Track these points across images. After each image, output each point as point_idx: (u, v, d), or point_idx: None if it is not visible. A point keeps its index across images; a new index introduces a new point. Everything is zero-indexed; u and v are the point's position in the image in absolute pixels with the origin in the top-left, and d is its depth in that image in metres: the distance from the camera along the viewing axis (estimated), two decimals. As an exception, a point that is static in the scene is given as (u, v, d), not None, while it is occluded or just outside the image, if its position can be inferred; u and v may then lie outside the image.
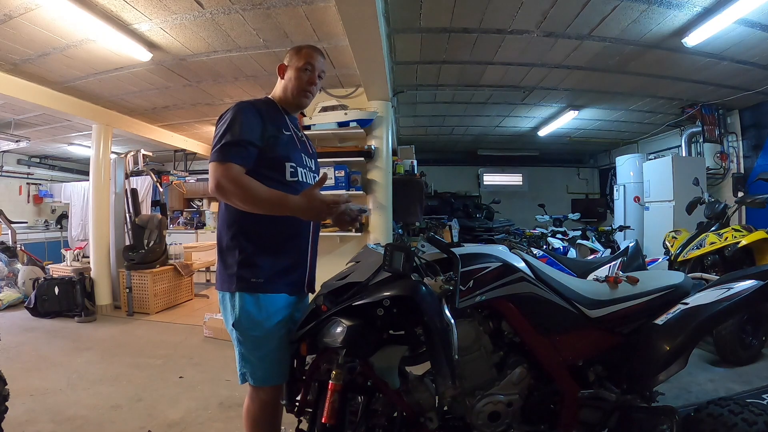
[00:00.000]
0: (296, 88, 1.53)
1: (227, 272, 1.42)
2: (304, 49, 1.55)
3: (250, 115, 1.39)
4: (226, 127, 1.35)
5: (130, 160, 5.58)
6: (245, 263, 1.40)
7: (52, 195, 8.56)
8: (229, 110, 1.40)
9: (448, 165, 9.57)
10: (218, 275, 1.47)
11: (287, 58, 1.57)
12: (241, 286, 1.39)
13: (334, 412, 1.26)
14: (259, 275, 1.40)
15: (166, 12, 2.88)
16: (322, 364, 1.41)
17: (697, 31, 3.23)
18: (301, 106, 1.62)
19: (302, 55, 1.53)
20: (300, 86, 1.53)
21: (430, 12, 3.10)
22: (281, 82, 1.57)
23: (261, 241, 1.42)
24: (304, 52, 1.54)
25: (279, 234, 1.45)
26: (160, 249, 5.19)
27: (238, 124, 1.35)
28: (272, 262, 1.43)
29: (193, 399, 2.60)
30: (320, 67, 1.57)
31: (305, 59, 1.52)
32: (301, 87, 1.53)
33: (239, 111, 1.38)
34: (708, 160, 5.67)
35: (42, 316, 4.58)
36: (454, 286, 1.33)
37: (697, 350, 3.02)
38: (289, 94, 1.55)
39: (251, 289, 1.39)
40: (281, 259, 1.45)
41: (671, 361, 1.32)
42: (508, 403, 1.40)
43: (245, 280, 1.39)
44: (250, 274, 1.39)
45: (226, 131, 1.34)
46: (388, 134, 4.22)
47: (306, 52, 1.54)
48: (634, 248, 3.21)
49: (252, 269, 1.40)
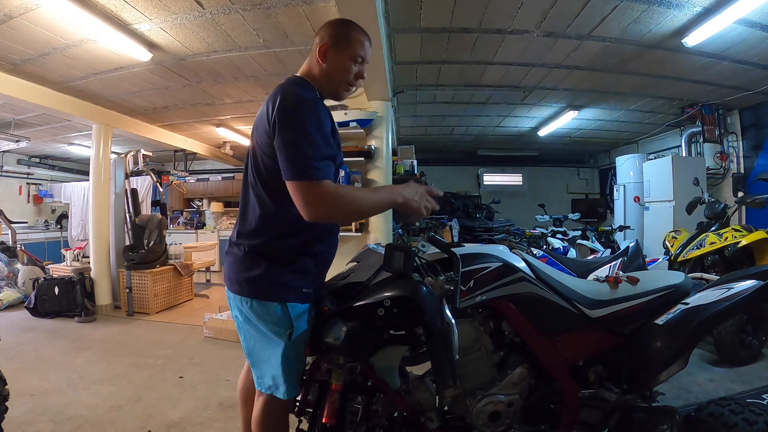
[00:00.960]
0: (342, 80, 1.31)
1: (271, 278, 1.25)
2: (356, 33, 1.30)
3: (323, 114, 1.19)
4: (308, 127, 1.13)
5: (130, 160, 5.58)
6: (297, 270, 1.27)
7: (52, 195, 8.55)
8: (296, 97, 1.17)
9: (448, 165, 9.57)
10: (250, 279, 1.26)
11: (332, 37, 1.28)
12: (293, 296, 1.26)
13: (334, 412, 1.26)
14: (310, 285, 1.29)
15: (166, 12, 2.88)
16: (323, 364, 1.41)
17: (697, 31, 3.23)
18: (340, 99, 1.39)
19: (354, 41, 1.28)
20: (346, 79, 1.31)
21: (430, 12, 3.10)
22: (321, 66, 1.30)
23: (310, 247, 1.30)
24: (356, 37, 1.29)
25: (322, 238, 1.33)
26: (160, 249, 5.18)
27: (317, 128, 1.15)
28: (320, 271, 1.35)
29: (193, 399, 2.60)
30: (369, 58, 1.35)
31: (357, 48, 1.28)
32: (346, 80, 1.31)
33: (313, 109, 1.17)
34: (708, 160, 5.67)
35: (42, 316, 4.57)
36: (454, 286, 1.33)
37: (697, 350, 3.02)
38: (334, 85, 1.32)
39: (302, 299, 1.27)
40: (325, 266, 1.38)
41: (671, 361, 1.32)
42: (509, 403, 1.40)
43: (298, 290, 1.26)
44: (302, 285, 1.27)
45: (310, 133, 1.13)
46: (388, 134, 4.22)
47: (358, 39, 1.29)
48: (634, 248, 3.21)
49: (304, 279, 1.28)
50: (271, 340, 1.28)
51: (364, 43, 1.31)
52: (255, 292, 1.26)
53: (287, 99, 1.16)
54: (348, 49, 1.28)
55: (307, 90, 1.25)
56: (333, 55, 1.29)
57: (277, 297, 1.25)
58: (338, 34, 1.29)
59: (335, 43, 1.29)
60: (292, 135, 1.13)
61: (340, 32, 1.29)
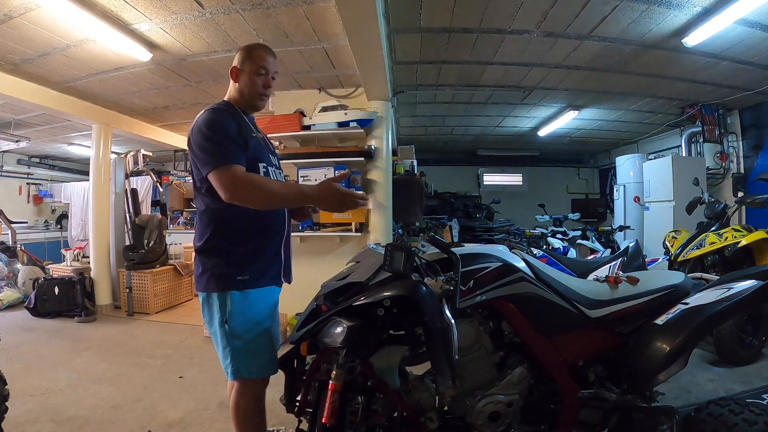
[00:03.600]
0: (253, 92, 1.53)
1: (211, 272, 1.43)
2: (256, 51, 1.54)
3: (225, 118, 1.41)
4: (212, 132, 1.36)
5: (130, 160, 5.59)
6: (229, 262, 1.43)
7: (52, 195, 8.55)
8: (202, 117, 1.41)
9: (448, 165, 9.57)
10: (200, 277, 1.47)
11: (238, 60, 1.54)
12: (228, 285, 1.42)
13: (334, 412, 1.26)
14: (245, 272, 1.43)
15: (166, 12, 2.88)
16: (322, 364, 1.41)
17: (697, 31, 3.23)
18: (258, 109, 1.62)
19: (255, 58, 1.52)
20: (256, 90, 1.53)
21: (430, 12, 3.10)
22: (235, 86, 1.55)
23: (241, 239, 1.45)
24: (256, 54, 1.53)
25: (257, 230, 1.48)
26: (160, 249, 5.19)
27: (221, 127, 1.37)
28: (255, 258, 1.47)
29: (193, 399, 2.60)
30: (273, 68, 1.56)
31: (258, 63, 1.51)
32: (256, 91, 1.54)
33: (215, 115, 1.40)
34: (708, 160, 5.66)
35: (42, 316, 4.58)
36: (454, 286, 1.33)
37: (697, 350, 3.02)
38: (246, 98, 1.55)
39: (239, 286, 1.42)
40: (262, 254, 1.49)
41: (671, 361, 1.32)
42: (509, 403, 1.40)
43: (231, 278, 1.42)
44: (236, 273, 1.42)
45: (214, 136, 1.35)
46: (388, 134, 4.21)
47: (258, 55, 1.52)
48: (634, 248, 3.21)
49: (236, 267, 1.43)
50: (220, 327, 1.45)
51: (265, 57, 1.53)
52: (199, 286, 1.48)
53: (197, 120, 1.43)
54: (251, 65, 1.52)
55: (213, 110, 1.45)
56: (241, 73, 1.53)
57: (214, 287, 1.43)
58: (242, 57, 1.54)
59: (240, 63, 1.54)
60: (200, 141, 1.37)
61: (243, 54, 1.54)
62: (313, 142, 4.22)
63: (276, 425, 2.16)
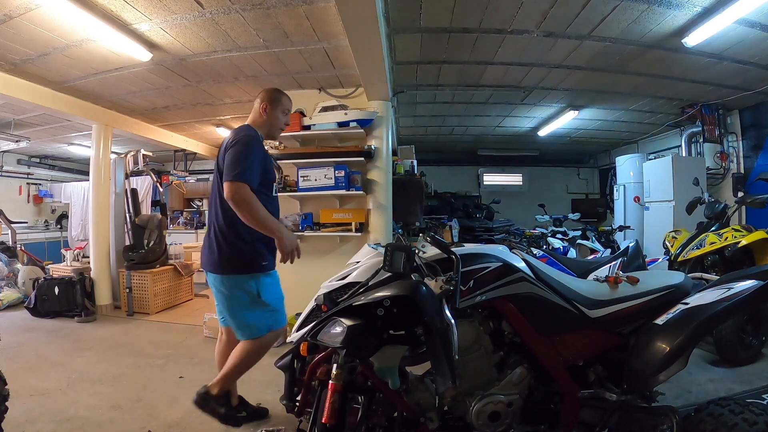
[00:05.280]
0: (277, 128, 2.13)
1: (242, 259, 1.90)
2: (283, 97, 2.11)
3: (258, 147, 1.91)
4: (242, 154, 1.81)
5: (130, 160, 5.58)
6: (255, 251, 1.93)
7: (52, 195, 8.55)
8: (241, 140, 1.87)
9: (448, 165, 9.56)
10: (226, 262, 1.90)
11: (268, 99, 2.07)
12: (257, 268, 1.93)
13: (334, 412, 1.26)
14: (265, 259, 1.97)
15: (166, 12, 2.88)
16: (322, 364, 1.41)
17: (697, 31, 3.23)
18: (274, 139, 2.41)
19: (282, 101, 2.10)
20: (279, 126, 2.12)
21: (430, 12, 3.10)
22: (263, 118, 2.07)
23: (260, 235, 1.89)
24: (285, 100, 2.11)
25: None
26: (160, 249, 5.19)
27: (250, 154, 1.83)
28: (268, 249, 1.98)
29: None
30: (290, 110, 2.19)
31: (285, 106, 2.10)
32: (279, 126, 2.13)
33: (250, 142, 1.87)
34: (708, 160, 5.66)
35: (42, 316, 4.57)
36: (454, 286, 1.33)
37: (697, 350, 3.02)
38: (272, 130, 2.12)
39: (265, 269, 1.96)
40: (271, 245, 1.98)
41: (671, 361, 1.32)
42: (509, 403, 1.40)
43: (258, 263, 1.93)
44: (260, 259, 1.95)
45: (242, 158, 1.81)
46: (388, 134, 4.21)
47: (286, 100, 2.12)
48: (634, 248, 3.21)
49: (260, 255, 1.95)
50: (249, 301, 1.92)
51: (287, 102, 2.14)
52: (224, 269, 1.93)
53: (238, 135, 1.92)
54: (279, 106, 2.10)
55: (254, 131, 2.00)
56: (269, 110, 2.08)
57: (246, 270, 1.92)
58: (271, 98, 2.09)
59: (270, 103, 2.08)
60: (234, 154, 1.83)
61: (273, 96, 2.10)
62: (313, 142, 4.22)
63: (276, 425, 2.15)
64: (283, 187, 4.09)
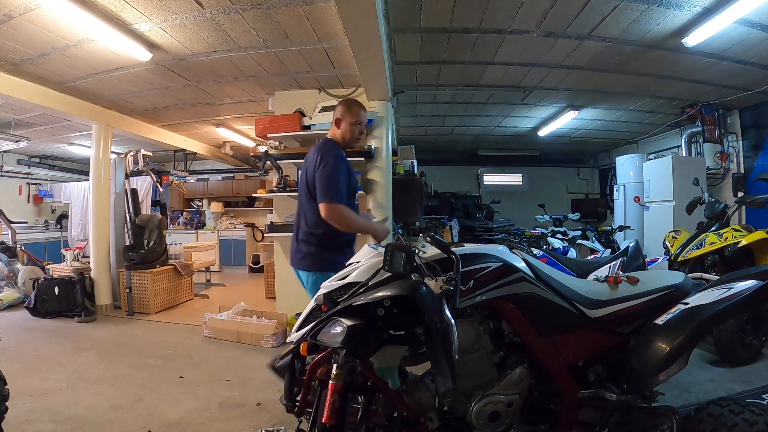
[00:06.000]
0: (352, 138, 2.23)
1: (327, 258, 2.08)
2: (357, 109, 2.21)
3: (344, 163, 2.08)
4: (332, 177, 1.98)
5: (130, 160, 5.58)
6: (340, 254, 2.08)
7: (52, 195, 8.55)
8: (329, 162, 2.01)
9: (448, 165, 9.56)
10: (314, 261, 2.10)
11: (340, 113, 2.19)
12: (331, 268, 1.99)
13: (334, 412, 1.26)
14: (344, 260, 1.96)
15: (166, 12, 2.88)
16: (322, 364, 1.41)
17: (697, 31, 3.22)
18: (353, 148, 2.39)
19: (356, 114, 2.20)
20: (354, 137, 2.23)
21: (430, 12, 3.10)
22: (338, 131, 2.21)
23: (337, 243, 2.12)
24: (357, 111, 2.21)
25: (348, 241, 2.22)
26: (160, 249, 5.19)
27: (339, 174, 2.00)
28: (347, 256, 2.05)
29: (193, 399, 2.60)
30: (364, 120, 2.26)
31: (356, 117, 2.19)
32: (354, 137, 2.23)
33: (336, 163, 2.02)
34: (708, 160, 5.66)
35: (42, 316, 4.57)
36: (454, 286, 1.33)
37: (697, 350, 3.02)
38: (347, 141, 2.22)
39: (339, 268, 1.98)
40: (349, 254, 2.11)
41: (671, 361, 1.32)
42: (509, 403, 1.40)
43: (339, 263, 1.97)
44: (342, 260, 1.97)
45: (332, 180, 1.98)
46: (388, 134, 4.21)
47: (358, 112, 2.21)
48: (634, 248, 3.21)
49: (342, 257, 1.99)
50: None
51: (360, 112, 2.23)
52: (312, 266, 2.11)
53: (325, 155, 2.05)
54: (351, 117, 2.20)
55: (336, 148, 2.13)
56: (341, 122, 2.20)
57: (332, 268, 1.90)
58: (344, 109, 2.20)
59: (342, 115, 2.20)
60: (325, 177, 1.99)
61: (345, 107, 2.21)
62: (313, 142, 4.21)
63: (276, 425, 2.15)
64: (284, 187, 4.09)
